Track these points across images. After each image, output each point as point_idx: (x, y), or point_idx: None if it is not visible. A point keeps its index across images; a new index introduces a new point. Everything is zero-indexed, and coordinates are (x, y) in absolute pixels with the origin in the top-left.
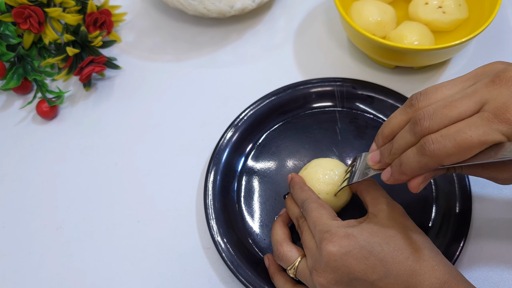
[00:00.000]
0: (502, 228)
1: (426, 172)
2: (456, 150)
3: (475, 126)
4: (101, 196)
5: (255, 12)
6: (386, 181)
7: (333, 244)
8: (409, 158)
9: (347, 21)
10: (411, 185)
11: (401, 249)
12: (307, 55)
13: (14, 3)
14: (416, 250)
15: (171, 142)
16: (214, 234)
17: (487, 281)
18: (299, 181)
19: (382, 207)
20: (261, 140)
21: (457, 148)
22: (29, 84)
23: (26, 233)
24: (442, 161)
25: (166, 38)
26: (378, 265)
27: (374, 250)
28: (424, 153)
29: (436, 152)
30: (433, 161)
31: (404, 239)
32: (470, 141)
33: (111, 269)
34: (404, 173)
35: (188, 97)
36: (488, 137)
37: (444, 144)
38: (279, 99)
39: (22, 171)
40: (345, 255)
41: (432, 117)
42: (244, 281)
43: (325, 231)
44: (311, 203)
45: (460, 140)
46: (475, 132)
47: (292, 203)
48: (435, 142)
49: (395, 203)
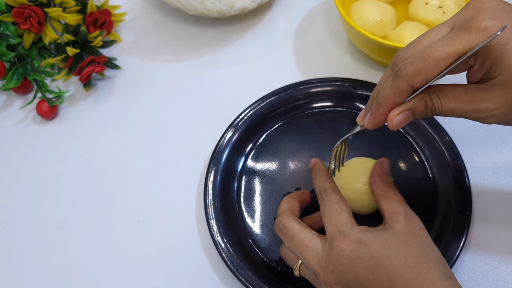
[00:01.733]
0: (502, 227)
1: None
2: (424, 65)
3: (441, 41)
4: (101, 196)
5: (255, 12)
6: (367, 125)
7: (346, 246)
8: (385, 88)
9: (347, 21)
10: (388, 117)
11: (411, 267)
12: (307, 55)
13: (14, 3)
14: (426, 270)
15: (171, 142)
16: (214, 234)
17: (487, 281)
18: (324, 168)
19: (399, 218)
20: (261, 140)
21: (424, 62)
22: (29, 84)
23: (26, 233)
24: (412, 80)
25: (166, 38)
26: (384, 278)
27: (384, 263)
28: (395, 75)
29: (406, 70)
30: (404, 81)
31: (416, 256)
32: (435, 54)
33: (111, 269)
34: (381, 104)
35: (188, 97)
36: (452, 47)
37: (412, 61)
38: (279, 99)
39: (22, 171)
40: (354, 260)
41: (408, 47)
42: (244, 281)
43: (339, 229)
44: (333, 193)
45: (426, 54)
46: (440, 45)
47: (285, 199)
48: (405, 63)
49: (413, 215)
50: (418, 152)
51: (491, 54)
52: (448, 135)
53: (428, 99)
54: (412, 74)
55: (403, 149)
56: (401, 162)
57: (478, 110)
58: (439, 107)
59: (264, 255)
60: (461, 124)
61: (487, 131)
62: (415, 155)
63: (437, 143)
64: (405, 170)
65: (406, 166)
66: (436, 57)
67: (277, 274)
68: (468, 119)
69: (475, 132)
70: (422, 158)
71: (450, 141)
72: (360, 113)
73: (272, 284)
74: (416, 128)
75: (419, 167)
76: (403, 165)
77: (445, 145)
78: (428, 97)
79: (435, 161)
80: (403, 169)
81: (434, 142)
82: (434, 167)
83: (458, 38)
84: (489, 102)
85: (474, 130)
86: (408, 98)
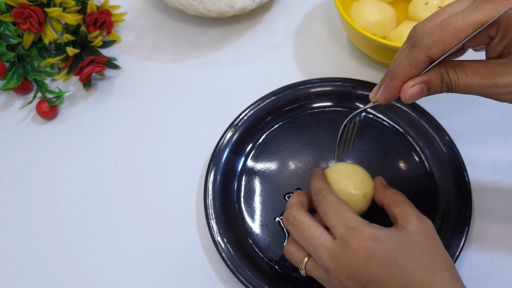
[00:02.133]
0: (502, 228)
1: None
2: (443, 35)
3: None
4: (101, 196)
5: (255, 12)
6: (380, 99)
7: (362, 243)
8: (401, 59)
9: (347, 21)
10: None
11: (423, 266)
12: (307, 55)
13: (14, 3)
14: (437, 271)
15: (171, 142)
16: (214, 234)
17: (487, 281)
18: (321, 173)
19: (411, 219)
20: (261, 140)
21: (444, 31)
22: (29, 84)
23: (26, 233)
24: (430, 50)
25: (166, 38)
26: (397, 276)
27: (398, 260)
28: (413, 45)
29: (424, 40)
30: (421, 51)
31: (428, 257)
32: (455, 23)
33: (111, 269)
34: (396, 76)
35: (188, 97)
36: (473, 17)
37: (431, 31)
38: (279, 99)
39: (22, 171)
40: (370, 257)
41: (427, 20)
42: (244, 281)
43: (351, 227)
44: (329, 194)
45: (446, 23)
46: (461, 14)
47: (295, 195)
48: (423, 32)
49: (425, 218)
50: (418, 152)
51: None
52: (448, 135)
53: (445, 72)
54: (430, 44)
55: (403, 149)
56: (401, 162)
57: (497, 85)
58: (456, 81)
59: (264, 255)
60: (461, 124)
61: (487, 131)
62: (415, 155)
63: (437, 143)
64: (405, 170)
65: (406, 166)
66: (457, 26)
67: (277, 274)
68: (484, 97)
69: (475, 132)
70: (422, 158)
71: (450, 141)
72: (373, 90)
73: (272, 284)
74: (416, 128)
75: (419, 167)
76: (403, 165)
77: (445, 145)
78: (445, 71)
79: (435, 161)
80: (403, 169)
81: (434, 142)
82: (434, 167)
83: (480, 8)
84: (509, 76)
85: (474, 130)
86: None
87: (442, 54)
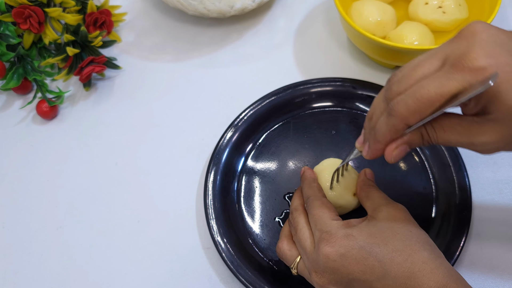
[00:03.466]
0: (502, 228)
1: (396, 135)
2: (417, 106)
3: (433, 80)
4: (101, 196)
5: (255, 12)
6: (366, 156)
7: (332, 245)
8: (380, 123)
9: (347, 21)
10: (386, 152)
11: (400, 251)
12: (307, 55)
13: (14, 3)
14: (415, 251)
15: (171, 142)
16: (214, 234)
17: (487, 281)
18: (309, 176)
19: (381, 209)
20: (261, 140)
21: (418, 103)
22: (29, 84)
23: (26, 233)
24: (407, 119)
25: (166, 38)
26: (376, 266)
27: (373, 251)
28: (390, 114)
29: (400, 110)
30: (399, 120)
31: (403, 240)
32: (428, 95)
33: (111, 269)
34: (378, 140)
35: (188, 97)
36: (444, 88)
37: (406, 101)
38: (279, 99)
39: (22, 171)
40: (343, 255)
41: (401, 81)
42: (244, 281)
43: (324, 231)
44: (314, 200)
45: (419, 95)
46: (432, 85)
47: (297, 195)
48: (399, 101)
49: (396, 204)
50: (418, 152)
51: (485, 93)
52: None
53: (424, 131)
54: (406, 114)
55: None
56: (401, 162)
57: (473, 144)
58: (435, 138)
59: (264, 255)
60: None
61: None
62: (415, 155)
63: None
64: (405, 170)
65: (406, 166)
66: (429, 98)
67: (277, 274)
68: None
69: None
70: (422, 158)
71: None
72: (358, 138)
73: (272, 284)
74: None
75: (419, 167)
76: (403, 165)
77: (445, 145)
78: (424, 129)
79: (435, 161)
80: (403, 169)
81: None
82: (434, 167)
83: (450, 78)
84: (484, 136)
85: None
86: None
87: (418, 121)
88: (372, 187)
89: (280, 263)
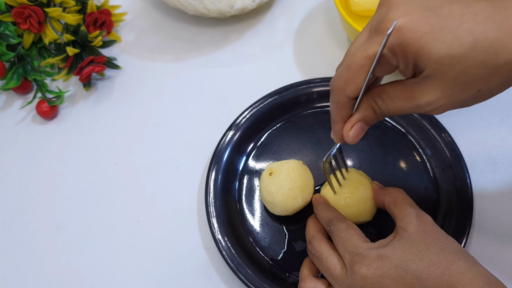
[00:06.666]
0: (502, 228)
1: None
2: (350, 74)
3: (360, 47)
4: (101, 196)
5: (255, 12)
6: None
7: (367, 267)
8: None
9: (347, 21)
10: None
11: (436, 264)
12: (307, 55)
13: (14, 3)
14: (451, 263)
15: (171, 142)
16: (214, 232)
17: None
18: (323, 201)
19: (411, 219)
20: (262, 140)
21: (349, 71)
22: (29, 84)
23: (26, 233)
24: (344, 90)
25: (166, 38)
26: (415, 284)
27: (409, 268)
28: (331, 90)
29: (337, 83)
30: (339, 93)
31: (437, 252)
32: (355, 60)
33: (111, 269)
34: (333, 120)
35: (188, 97)
36: (369, 50)
37: (340, 73)
38: (281, 98)
39: (22, 171)
40: (381, 276)
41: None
42: (245, 279)
43: (356, 253)
44: (339, 222)
45: (349, 63)
46: (359, 51)
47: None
48: (335, 76)
49: (424, 214)
50: (420, 152)
51: (409, 51)
52: (450, 135)
53: (374, 103)
54: (343, 85)
55: (405, 149)
56: (403, 162)
57: (420, 106)
58: (386, 108)
59: (265, 254)
60: (461, 124)
61: (487, 131)
62: (416, 155)
63: (439, 143)
64: (406, 170)
65: (408, 166)
66: (358, 63)
67: (277, 273)
68: None
69: (475, 132)
70: (423, 158)
71: (451, 142)
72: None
73: (272, 283)
74: (417, 128)
75: (420, 167)
76: (405, 165)
77: (446, 146)
78: (373, 101)
79: (437, 161)
80: (405, 169)
81: (436, 142)
82: (436, 167)
83: (373, 41)
84: (427, 95)
85: (474, 130)
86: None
87: (358, 91)
88: (398, 192)
89: (280, 262)
